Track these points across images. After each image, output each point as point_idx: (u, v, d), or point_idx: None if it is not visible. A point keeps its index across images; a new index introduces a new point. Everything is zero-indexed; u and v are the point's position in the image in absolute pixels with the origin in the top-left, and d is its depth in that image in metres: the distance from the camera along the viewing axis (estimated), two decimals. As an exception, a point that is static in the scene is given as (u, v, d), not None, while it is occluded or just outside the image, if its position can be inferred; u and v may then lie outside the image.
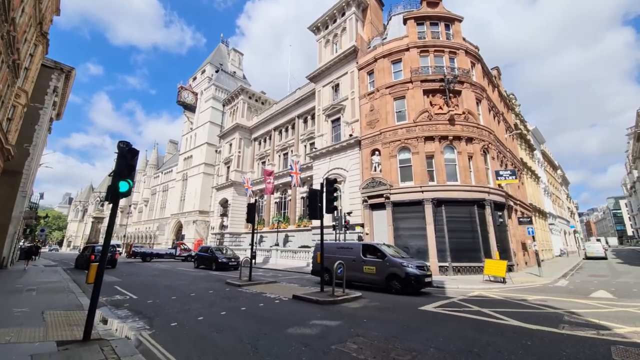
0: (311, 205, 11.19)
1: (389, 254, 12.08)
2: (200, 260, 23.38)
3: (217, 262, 21.30)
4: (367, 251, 12.82)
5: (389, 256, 11.97)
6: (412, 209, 18.99)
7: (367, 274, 12.31)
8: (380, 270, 11.89)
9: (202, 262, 23.03)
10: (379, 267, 12.00)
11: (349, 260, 12.36)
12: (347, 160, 23.61)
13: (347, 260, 12.07)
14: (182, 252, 34.72)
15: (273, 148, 37.69)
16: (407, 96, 21.19)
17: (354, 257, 12.74)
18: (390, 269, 11.63)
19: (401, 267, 11.39)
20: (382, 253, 12.18)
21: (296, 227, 30.64)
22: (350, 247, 13.56)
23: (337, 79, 26.87)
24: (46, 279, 14.89)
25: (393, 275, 11.47)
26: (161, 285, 13.49)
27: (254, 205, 14.95)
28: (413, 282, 11.02)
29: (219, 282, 14.51)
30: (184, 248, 36.12)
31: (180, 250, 35.14)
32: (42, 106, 22.33)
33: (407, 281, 11.05)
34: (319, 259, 11.10)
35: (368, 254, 12.70)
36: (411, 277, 11.04)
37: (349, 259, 12.55)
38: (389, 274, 11.58)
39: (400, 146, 20.46)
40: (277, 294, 10.70)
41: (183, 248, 35.85)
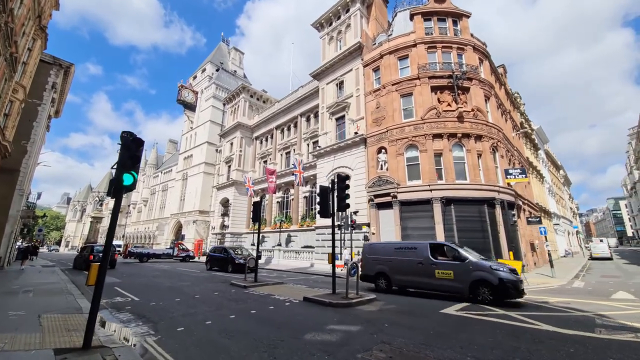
0: (322, 202, 10.70)
1: (471, 256, 10.03)
2: (213, 262, 21.66)
3: (233, 264, 19.47)
4: (437, 252, 10.90)
5: (471, 258, 9.87)
6: (420, 208, 18.53)
7: (442, 280, 10.07)
8: (461, 275, 9.69)
9: (216, 264, 21.34)
10: (458, 272, 9.76)
11: (413, 264, 10.70)
12: (352, 159, 23.12)
13: (410, 263, 10.76)
14: (180, 253, 34.09)
15: (275, 147, 37.18)
16: (414, 93, 20.73)
17: (420, 260, 10.64)
18: (475, 274, 9.46)
19: (492, 271, 9.30)
20: (461, 254, 10.06)
21: (299, 227, 30.14)
22: (413, 247, 11.35)
23: (341, 76, 26.40)
24: (44, 280, 14.37)
25: (481, 281, 9.32)
26: (163, 286, 12.97)
27: (259, 204, 14.46)
28: (511, 290, 8.95)
29: (223, 283, 14.00)
30: (182, 248, 35.46)
31: (178, 251, 34.46)
32: (40, 102, 21.80)
33: (502, 289, 8.98)
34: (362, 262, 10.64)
35: (439, 256, 10.78)
36: (507, 284, 8.95)
37: (414, 262, 10.74)
38: (474, 280, 9.42)
39: (408, 144, 19.99)
40: (286, 295, 10.20)
41: (181, 248, 35.17)
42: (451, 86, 20.18)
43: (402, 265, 11.06)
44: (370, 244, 12.72)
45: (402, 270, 11.05)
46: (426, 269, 10.42)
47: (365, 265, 12.27)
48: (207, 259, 22.58)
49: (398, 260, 11.19)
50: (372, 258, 12.10)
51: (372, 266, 11.96)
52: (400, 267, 11.10)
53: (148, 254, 31.73)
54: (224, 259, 20.39)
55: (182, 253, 33.86)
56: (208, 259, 22.45)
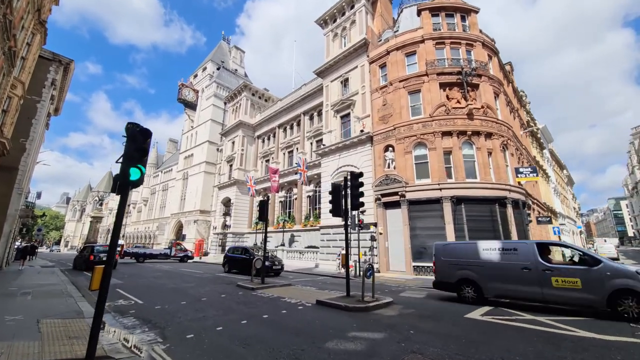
0: (334, 201, 10.24)
1: (604, 259, 8.04)
2: (232, 264, 19.84)
3: None
4: (545, 253, 8.98)
5: (606, 261, 7.83)
6: (430, 208, 18.07)
7: (563, 290, 7.92)
8: (592, 284, 7.62)
9: (236, 266, 19.41)
10: (587, 280, 7.68)
11: (515, 269, 8.71)
12: (358, 157, 22.67)
13: (510, 268, 8.82)
14: (178, 253, 33.49)
15: (277, 146, 36.71)
16: (422, 90, 20.28)
17: (524, 264, 8.59)
18: (614, 282, 7.38)
19: None
20: (588, 256, 8.09)
21: (302, 226, 29.67)
22: (512, 248, 9.17)
23: (346, 73, 25.93)
24: (43, 281, 13.89)
25: (623, 291, 7.28)
26: (167, 288, 12.50)
27: (266, 203, 13.99)
28: None
29: (229, 284, 13.53)
30: (179, 248, 34.88)
31: (176, 251, 33.85)
32: (39, 99, 21.31)
33: None
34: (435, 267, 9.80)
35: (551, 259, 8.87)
36: None
37: (515, 267, 8.73)
38: (614, 290, 7.35)
39: (416, 142, 19.53)
40: (297, 298, 9.73)
41: (179, 248, 34.58)
42: (460, 83, 19.74)
43: (499, 271, 9.06)
44: (445, 244, 10.97)
45: (499, 278, 9.03)
46: (536, 276, 8.34)
47: (440, 270, 10.36)
48: (225, 261, 20.80)
49: (491, 264, 9.25)
50: (450, 261, 10.17)
51: (451, 271, 10.00)
52: (496, 274, 9.07)
53: (144, 254, 31.17)
54: (246, 260, 18.38)
55: (179, 253, 33.26)
56: (226, 261, 20.75)
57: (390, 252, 19.23)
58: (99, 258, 21.27)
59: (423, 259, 17.57)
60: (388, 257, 19.22)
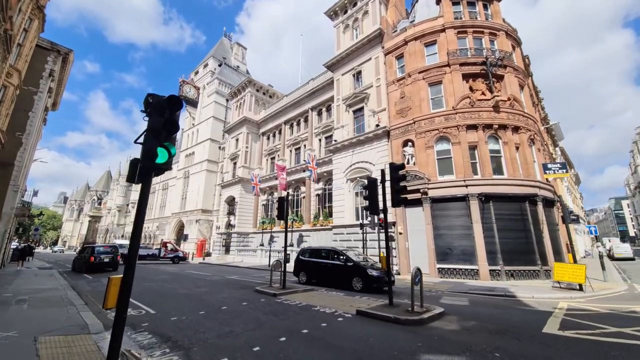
0: (370, 197, 9.11)
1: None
2: (313, 272, 14.11)
3: (364, 277, 11.86)
4: None
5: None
6: (455, 206, 16.95)
7: None
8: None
9: (319, 275, 13.87)
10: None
11: None
12: (374, 153, 21.53)
13: None
14: (168, 253, 31.99)
15: (284, 143, 35.51)
16: (444, 81, 19.15)
17: None
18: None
19: None
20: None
21: (311, 226, 28.50)
22: None
23: (359, 65, 24.77)
24: (40, 285, 12.69)
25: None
26: (178, 294, 11.31)
27: (285, 200, 12.84)
28: None
29: (245, 289, 12.37)
30: (170, 249, 33.38)
31: (166, 251, 32.36)
32: (36, 90, 20.06)
33: None
34: None
35: None
36: None
37: None
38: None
39: (438, 136, 18.41)
40: (331, 307, 8.58)
41: (170, 249, 33.10)
42: (485, 73, 18.63)
43: None
44: None
45: None
46: None
47: None
48: (299, 267, 14.83)
49: None
50: None
51: None
52: None
53: (139, 256, 29.60)
54: (340, 268, 12.79)
55: (169, 254, 31.77)
56: (300, 267, 14.80)
57: (411, 253, 18.10)
58: (100, 260, 20.07)
59: (449, 261, 16.46)
60: (409, 258, 18.09)
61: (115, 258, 21.01)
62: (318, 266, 14.02)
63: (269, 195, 36.20)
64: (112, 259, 20.54)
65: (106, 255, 20.48)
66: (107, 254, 20.60)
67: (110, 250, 21.30)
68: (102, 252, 20.61)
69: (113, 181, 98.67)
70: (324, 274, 13.67)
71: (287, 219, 12.53)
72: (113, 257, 20.67)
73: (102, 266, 19.90)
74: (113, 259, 20.62)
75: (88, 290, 12.24)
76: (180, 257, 31.73)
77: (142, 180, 3.86)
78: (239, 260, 32.35)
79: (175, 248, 33.80)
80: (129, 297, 3.58)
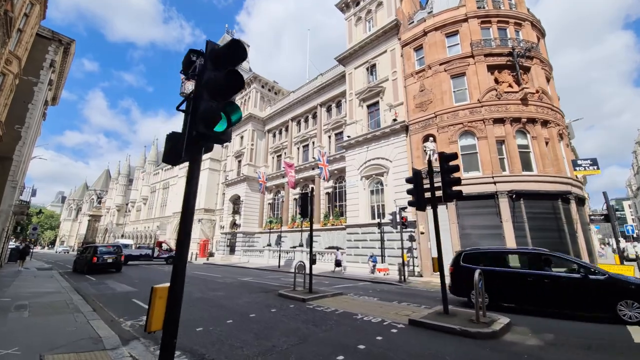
0: (415, 191, 8.13)
1: None
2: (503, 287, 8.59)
3: None
4: None
5: None
6: (482, 204, 15.98)
7: None
8: None
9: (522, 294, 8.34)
10: None
11: None
12: (391, 149, 20.56)
13: None
14: (162, 253, 30.73)
15: (291, 140, 34.49)
16: (467, 73, 18.21)
17: None
18: None
19: None
20: None
21: (321, 225, 27.50)
22: None
23: (373, 58, 23.81)
24: (41, 288, 11.64)
25: None
26: (194, 298, 10.28)
27: (308, 196, 11.86)
28: None
29: (266, 292, 11.36)
30: (165, 249, 32.06)
31: (160, 251, 31.07)
32: (37, 80, 19.00)
33: None
34: None
35: None
36: None
37: None
38: None
39: (462, 130, 17.46)
40: (374, 315, 7.58)
41: (164, 249, 31.86)
42: (511, 65, 17.71)
43: None
44: None
45: None
46: None
47: None
48: (464, 280, 8.96)
49: None
50: None
51: None
52: None
53: (131, 257, 28.35)
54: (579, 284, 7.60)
55: (163, 254, 30.53)
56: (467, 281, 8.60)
57: (434, 253, 17.12)
58: (104, 260, 18.77)
59: (476, 262, 15.48)
60: (431, 259, 17.11)
61: (119, 259, 19.95)
62: (516, 280, 8.43)
63: (276, 194, 35.20)
64: (116, 259, 19.53)
65: (109, 256, 19.31)
66: (110, 254, 19.46)
67: (114, 250, 20.22)
68: (105, 253, 19.38)
69: (112, 180, 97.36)
70: (532, 292, 8.09)
71: (312, 217, 11.53)
72: (117, 258, 19.65)
73: (106, 267, 18.86)
74: (117, 260, 19.58)
75: (94, 293, 11.19)
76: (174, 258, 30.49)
77: (192, 157, 2.86)
78: (244, 260, 31.31)
79: (170, 248, 32.16)
80: (179, 314, 2.58)
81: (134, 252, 30.68)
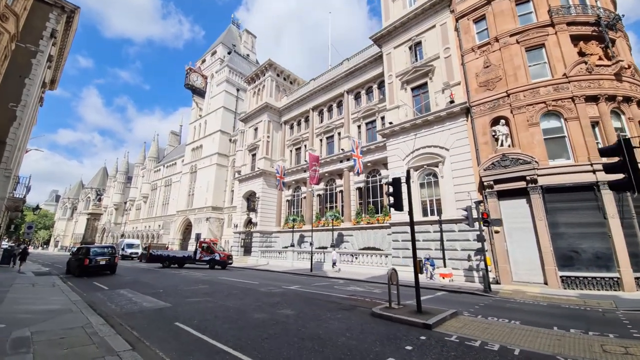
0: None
1: None
2: None
3: None
4: None
5: None
6: (577, 197, 13.32)
7: None
8: None
9: None
10: None
11: None
12: (447, 135, 17.88)
13: None
14: (204, 255, 24.34)
15: (312, 131, 31.68)
16: (546, 44, 15.57)
17: None
18: None
19: None
20: None
21: (354, 224, 24.75)
22: None
23: (417, 35, 21.10)
24: (45, 304, 8.72)
25: None
26: (259, 321, 7.46)
27: (399, 181, 9.11)
28: None
29: (348, 310, 8.55)
30: (205, 248, 24.84)
31: (202, 253, 24.52)
32: (36, 49, 16.03)
33: None
34: None
35: None
36: None
37: None
38: None
39: (544, 110, 14.79)
40: (560, 353, 4.86)
41: (207, 249, 24.77)
42: (597, 36, 15.15)
43: None
44: None
45: None
46: None
47: None
48: None
49: None
50: None
51: None
52: None
53: (169, 258, 25.28)
54: None
55: (205, 256, 24.26)
56: None
57: (513, 256, 14.46)
58: (96, 262, 17.06)
59: (574, 267, 12.84)
60: (509, 263, 14.44)
61: (113, 260, 18.12)
62: None
63: (295, 190, 32.39)
64: (110, 260, 17.76)
65: (103, 258, 17.49)
66: (103, 256, 17.64)
67: (107, 251, 18.45)
68: (99, 254, 17.60)
69: (110, 178, 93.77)
70: None
71: (412, 208, 8.75)
72: (110, 259, 17.84)
73: (99, 270, 17.34)
74: (110, 261, 17.79)
75: (116, 312, 8.33)
76: (217, 261, 23.90)
77: None
78: (263, 262, 28.45)
79: (212, 248, 25.06)
80: None
81: (177, 253, 26.35)
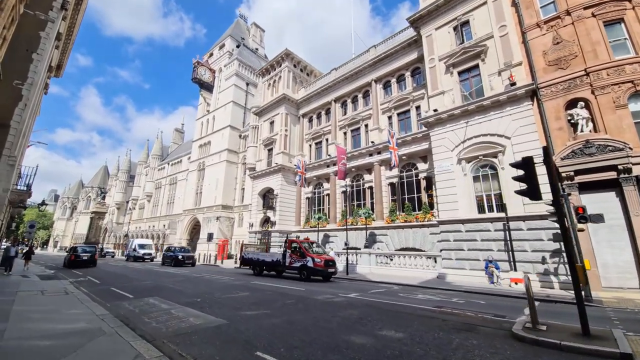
0: None
1: None
2: None
3: None
4: None
5: None
6: (685, 189, 11.36)
7: None
8: None
9: None
10: None
11: None
12: (507, 122, 15.91)
13: None
14: (295, 260, 17.49)
15: (335, 124, 29.67)
16: (625, 18, 13.67)
17: None
18: None
19: None
20: None
21: (388, 222, 22.73)
22: None
23: (464, 14, 19.16)
24: (63, 322, 6.59)
25: None
26: (368, 347, 5.44)
27: (531, 162, 7.06)
28: None
29: (468, 332, 6.52)
30: (296, 250, 17.75)
31: (291, 257, 17.75)
32: (46, 17, 13.95)
33: None
34: None
35: None
36: None
37: None
38: None
39: (633, 91, 12.84)
40: None
41: (296, 250, 17.75)
42: (690, 6, 13.16)
43: None
44: None
45: None
46: None
47: None
48: None
49: None
50: None
51: None
52: None
53: (259, 262, 20.18)
54: None
55: (296, 261, 17.37)
56: None
57: (600, 258, 12.46)
58: (80, 258, 23.50)
59: (688, 272, 10.84)
60: (597, 266, 12.44)
61: (94, 256, 24.57)
62: None
63: (315, 187, 30.36)
64: (91, 257, 24.21)
65: (85, 254, 24.13)
66: (86, 253, 24.33)
67: (89, 249, 25.12)
68: (82, 252, 24.29)
69: (111, 177, 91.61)
70: None
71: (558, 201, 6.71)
72: (91, 256, 24.34)
73: (81, 264, 23.45)
74: (91, 257, 24.26)
75: (160, 331, 6.25)
76: (307, 267, 16.84)
77: None
78: (285, 264, 26.35)
79: (303, 250, 17.45)
80: None
81: (266, 257, 20.15)
